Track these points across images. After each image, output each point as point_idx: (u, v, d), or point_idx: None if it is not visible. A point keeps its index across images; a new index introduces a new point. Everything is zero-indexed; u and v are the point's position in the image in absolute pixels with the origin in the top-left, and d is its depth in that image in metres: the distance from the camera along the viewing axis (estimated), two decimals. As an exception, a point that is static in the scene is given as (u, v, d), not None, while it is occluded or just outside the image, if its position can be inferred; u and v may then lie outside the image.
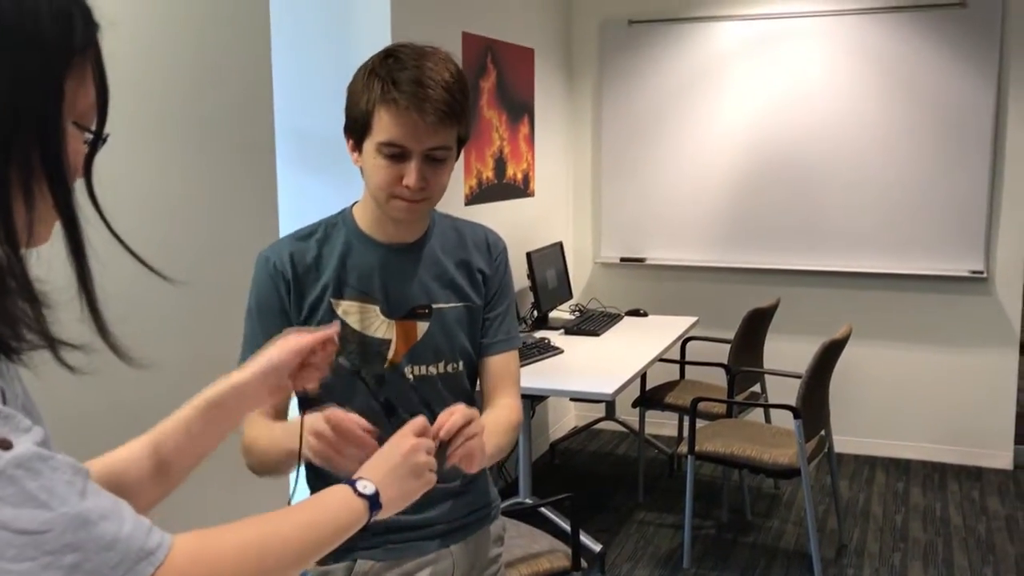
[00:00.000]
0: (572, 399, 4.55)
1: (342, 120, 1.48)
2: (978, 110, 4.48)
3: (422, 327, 1.51)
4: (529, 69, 4.58)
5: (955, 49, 4.47)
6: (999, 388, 4.65)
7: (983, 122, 4.48)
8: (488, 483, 1.67)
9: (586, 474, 4.65)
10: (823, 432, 3.68)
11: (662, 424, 5.10)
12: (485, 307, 1.58)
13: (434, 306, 1.52)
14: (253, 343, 1.43)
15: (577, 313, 4.54)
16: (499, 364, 1.58)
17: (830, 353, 3.51)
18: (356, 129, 1.42)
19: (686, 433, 3.66)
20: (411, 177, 1.39)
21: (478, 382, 1.62)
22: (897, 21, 4.55)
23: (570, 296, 4.65)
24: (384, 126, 1.38)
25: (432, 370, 1.52)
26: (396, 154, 1.39)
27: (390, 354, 1.49)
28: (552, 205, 4.98)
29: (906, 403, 4.81)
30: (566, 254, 4.82)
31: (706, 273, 5.02)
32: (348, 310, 1.47)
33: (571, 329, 4.18)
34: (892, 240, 4.67)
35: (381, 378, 1.48)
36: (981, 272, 4.56)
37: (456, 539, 1.57)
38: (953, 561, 3.67)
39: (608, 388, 3.29)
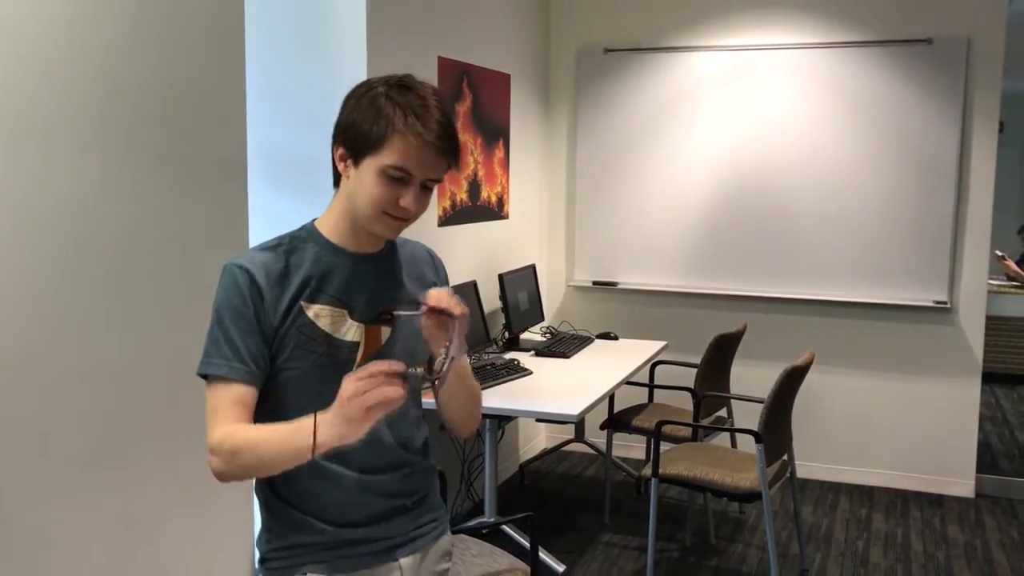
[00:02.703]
0: (539, 420, 4.58)
1: (316, 141, 1.53)
2: (943, 144, 4.58)
3: (386, 332, 1.58)
4: (505, 94, 4.64)
5: (922, 84, 4.58)
6: (961, 417, 4.73)
7: (948, 156, 4.58)
8: (437, 498, 1.71)
9: (554, 495, 4.68)
10: (785, 457, 3.74)
11: (630, 447, 5.14)
12: None
13: (395, 312, 1.59)
14: (228, 344, 1.46)
15: (548, 335, 4.59)
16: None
17: (792, 379, 3.57)
18: (359, 144, 1.47)
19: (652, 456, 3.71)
20: (411, 201, 1.48)
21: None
22: (866, 56, 4.65)
23: (542, 318, 4.70)
24: (398, 153, 1.45)
25: None
26: (399, 177, 1.46)
27: (357, 357, 1.54)
28: (526, 228, 5.04)
29: (871, 430, 4.88)
30: (539, 277, 4.88)
31: (676, 298, 5.08)
32: (319, 313, 1.52)
33: (541, 351, 4.22)
34: (858, 269, 4.75)
35: None
36: (945, 303, 4.64)
37: (405, 553, 1.60)
38: (911, 587, 3.72)
39: (575, 410, 3.33)
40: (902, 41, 4.59)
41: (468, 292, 4.01)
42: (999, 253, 6.64)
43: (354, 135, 1.47)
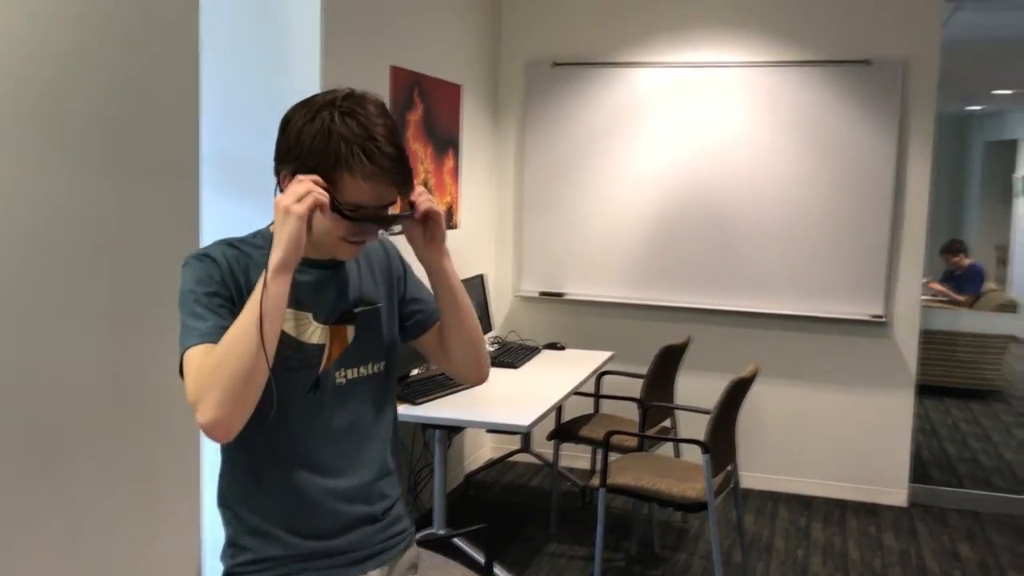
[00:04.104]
0: (489, 431, 4.61)
1: (269, 147, 1.52)
2: (881, 162, 4.71)
3: (351, 331, 1.58)
4: (456, 104, 4.66)
5: (860, 103, 4.71)
6: (896, 428, 4.86)
7: (885, 173, 4.72)
8: (404, 511, 1.71)
9: (500, 506, 4.69)
10: (730, 467, 3.80)
11: (576, 457, 5.17)
12: (404, 298, 1.71)
13: (356, 310, 1.60)
14: (203, 315, 1.42)
15: (496, 345, 4.60)
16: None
17: (737, 390, 3.63)
18: (293, 172, 1.45)
19: (599, 466, 3.74)
20: (374, 234, 1.49)
21: (429, 351, 1.72)
22: (807, 75, 4.77)
23: (490, 328, 4.71)
24: (350, 191, 1.42)
25: (363, 371, 1.60)
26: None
27: (323, 359, 1.54)
28: (475, 238, 5.05)
29: (809, 441, 4.99)
30: (487, 287, 4.89)
31: (622, 309, 5.14)
32: (283, 317, 1.50)
33: (490, 361, 4.22)
34: (798, 283, 4.86)
35: (316, 382, 1.53)
36: (881, 316, 4.77)
37: (373, 565, 1.60)
38: (850, 594, 3.82)
39: (525, 420, 3.35)
40: (842, 62, 4.72)
41: (475, 286, 4.06)
42: (924, 280, 6.84)
43: (300, 167, 1.43)
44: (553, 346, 4.70)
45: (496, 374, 4.06)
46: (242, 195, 3.28)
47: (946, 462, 5.63)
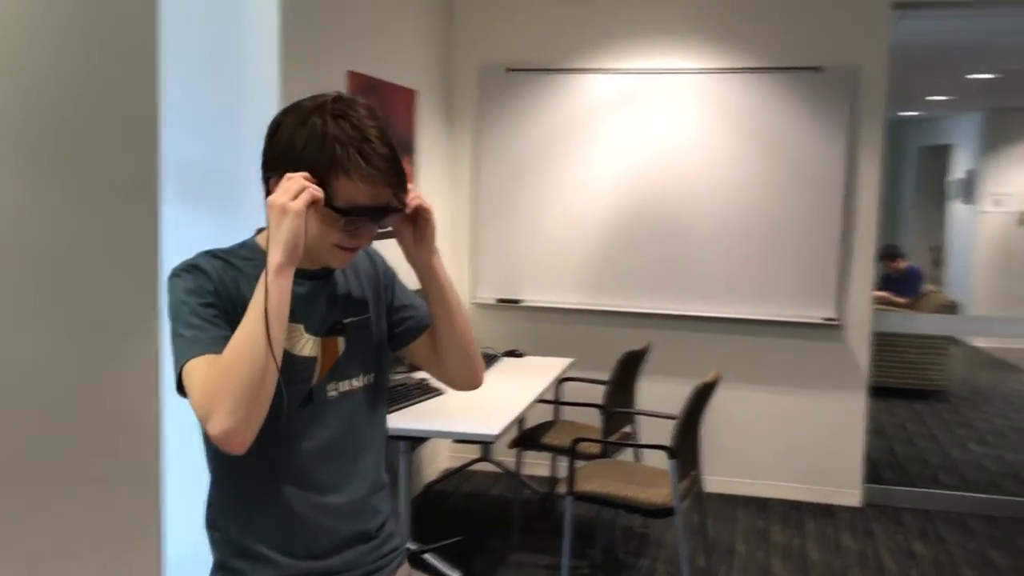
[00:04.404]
0: (456, 441, 4.56)
1: (227, 156, 1.49)
2: (832, 167, 4.78)
3: (341, 343, 1.54)
4: (411, 110, 4.61)
5: (812, 109, 4.77)
6: (849, 429, 4.93)
7: (836, 178, 4.79)
8: (395, 527, 1.67)
9: (461, 516, 4.64)
10: (694, 472, 3.81)
11: (534, 464, 5.15)
12: (393, 305, 1.67)
13: (346, 321, 1.56)
14: (200, 326, 1.37)
15: (455, 354, 4.55)
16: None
17: (702, 396, 3.64)
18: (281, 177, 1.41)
19: (561, 473, 3.72)
20: (367, 240, 1.46)
21: (421, 358, 1.69)
22: (759, 81, 4.82)
23: (447, 337, 4.66)
24: (348, 193, 1.39)
25: (354, 383, 1.56)
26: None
27: (315, 372, 1.50)
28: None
29: (765, 443, 5.04)
30: (443, 295, 4.84)
31: (580, 315, 5.14)
32: (286, 320, 1.45)
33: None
34: (753, 287, 4.91)
35: (309, 396, 1.49)
36: (834, 319, 4.84)
37: (365, 584, 1.56)
38: (813, 595, 3.85)
39: (493, 429, 3.31)
40: (794, 68, 4.78)
41: None
42: None
43: (276, 163, 1.41)
44: (512, 353, 4.67)
45: (457, 383, 4.01)
46: (199, 206, 3.19)
47: (895, 462, 5.74)
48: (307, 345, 1.49)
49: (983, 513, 4.87)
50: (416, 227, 1.52)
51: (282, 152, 1.41)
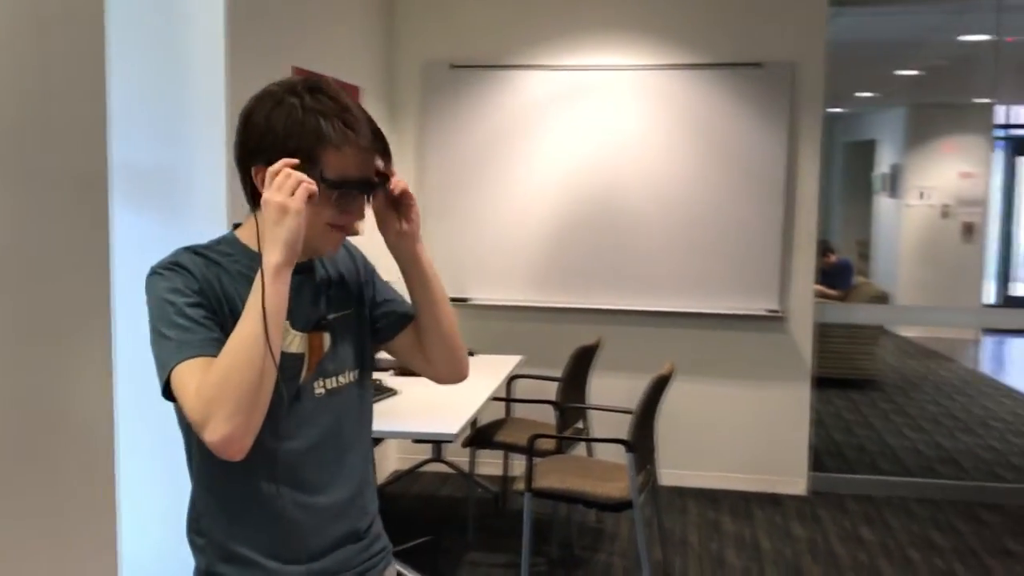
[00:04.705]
0: (415, 440, 4.50)
1: (175, 153, 1.44)
2: (773, 162, 4.86)
3: (327, 339, 1.51)
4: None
5: (753, 105, 4.84)
6: (795, 419, 5.02)
7: (777, 173, 4.86)
8: (381, 527, 1.64)
9: (414, 517, 4.59)
10: (649, 465, 3.83)
11: (484, 463, 5.12)
12: (375, 300, 1.64)
13: (330, 316, 1.53)
14: (189, 328, 1.32)
15: (405, 353, 4.50)
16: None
17: (658, 388, 3.66)
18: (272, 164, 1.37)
19: (513, 471, 3.70)
20: (359, 215, 1.43)
21: (405, 352, 1.67)
22: (701, 78, 4.87)
23: (396, 336, 4.61)
24: (338, 166, 1.37)
25: (340, 380, 1.52)
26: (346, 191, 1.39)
27: (304, 369, 1.46)
28: (378, 243, 4.92)
29: (712, 435, 5.09)
30: (391, 294, 4.78)
31: (528, 312, 5.13)
32: (284, 320, 1.41)
33: (402, 370, 4.14)
34: (699, 281, 4.96)
35: (297, 394, 1.45)
36: (777, 311, 4.92)
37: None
38: (768, 583, 3.90)
39: (451, 428, 3.27)
40: (735, 64, 4.84)
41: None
42: None
43: (277, 154, 1.36)
44: (462, 352, 4.63)
45: (410, 383, 3.97)
46: (148, 206, 3.09)
47: (836, 450, 5.85)
48: (294, 342, 1.45)
49: (924, 497, 5.00)
50: (400, 213, 1.50)
51: (262, 135, 1.38)
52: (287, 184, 1.30)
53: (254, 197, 1.42)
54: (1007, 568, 4.09)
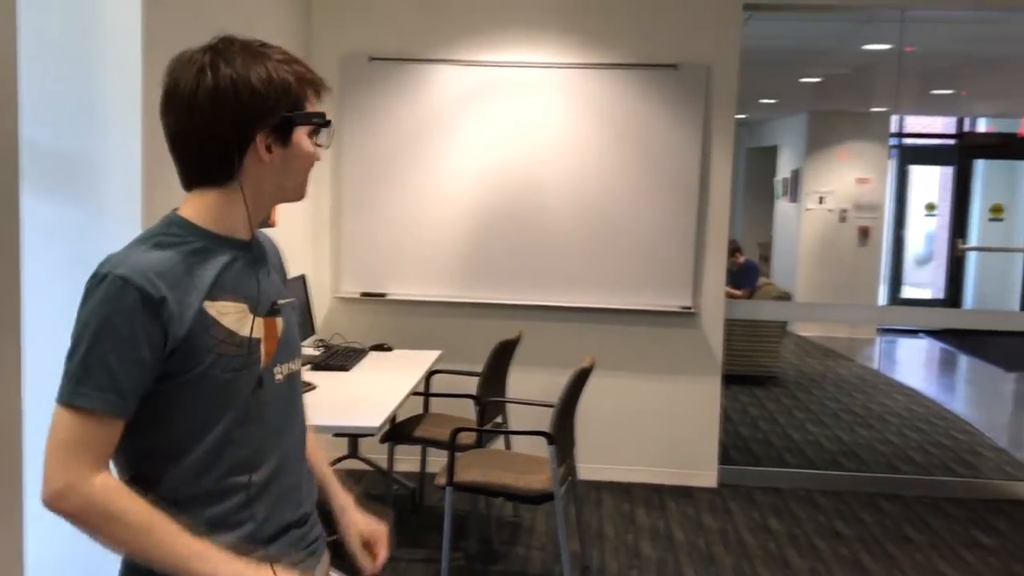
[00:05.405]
0: (336, 435, 4.44)
1: (88, 141, 1.41)
2: (688, 162, 4.96)
3: (280, 323, 1.49)
4: (272, 98, 4.45)
5: (668, 105, 4.94)
6: (706, 413, 5.13)
7: (691, 173, 4.97)
8: (316, 515, 1.62)
9: (329, 515, 4.52)
10: (569, 458, 3.86)
11: (400, 459, 5.09)
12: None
13: (281, 302, 1.51)
14: (104, 371, 1.28)
15: (322, 348, 4.45)
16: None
17: (579, 381, 3.70)
18: (285, 121, 1.40)
19: (431, 467, 3.69)
20: (326, 138, 1.49)
21: None
22: (618, 77, 4.94)
23: (313, 331, 4.54)
24: (314, 102, 1.44)
25: (292, 366, 1.51)
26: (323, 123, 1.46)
27: (262, 354, 1.43)
28: (292, 237, 4.85)
29: (626, 429, 5.17)
30: (308, 287, 4.71)
31: (446, 308, 5.11)
32: (222, 310, 1.38)
33: (319, 364, 4.08)
34: (615, 278, 5.03)
35: (260, 381, 1.42)
36: (690, 308, 5.02)
37: (301, 570, 1.50)
38: (683, 574, 3.98)
39: (373, 421, 3.25)
40: (651, 65, 4.92)
41: (298, 286, 4.05)
42: None
43: (270, 112, 1.38)
44: (380, 347, 4.60)
45: (328, 377, 3.92)
46: (60, 195, 2.97)
47: (743, 444, 6.01)
48: (252, 326, 1.42)
49: (828, 489, 5.18)
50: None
51: (254, 101, 1.37)
52: None
53: (222, 172, 1.39)
54: (907, 555, 4.27)
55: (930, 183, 12.43)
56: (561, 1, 4.96)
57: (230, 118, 1.35)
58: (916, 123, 11.81)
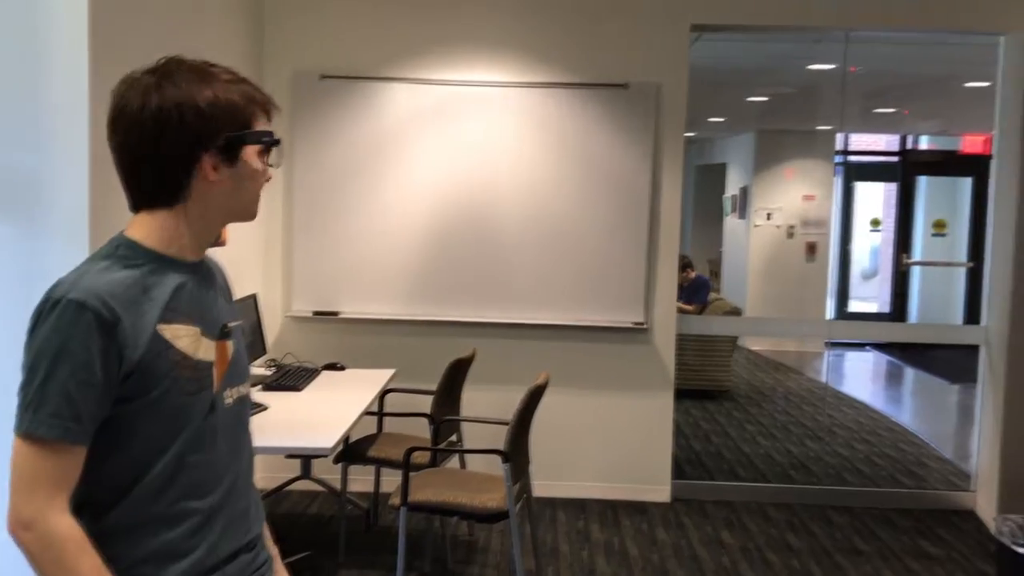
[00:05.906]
0: (288, 456, 4.38)
1: (30, 157, 1.40)
2: (638, 179, 5.01)
3: (230, 346, 1.48)
4: (222, 116, 4.42)
5: (619, 124, 4.99)
6: (659, 428, 5.17)
7: (642, 190, 5.02)
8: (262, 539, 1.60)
9: (282, 537, 4.46)
10: (524, 476, 3.86)
11: (353, 479, 5.04)
12: None
13: (231, 324, 1.50)
14: (63, 398, 1.26)
15: (274, 368, 4.40)
16: None
17: (534, 398, 3.71)
18: (231, 143, 1.39)
19: (385, 487, 3.67)
20: (279, 158, 1.50)
21: None
22: (570, 96, 4.99)
23: (264, 351, 4.50)
24: (263, 120, 1.44)
25: (242, 389, 1.50)
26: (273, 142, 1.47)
27: (215, 377, 1.41)
28: (243, 255, 4.80)
29: (579, 445, 5.18)
30: (259, 307, 4.66)
31: (400, 326, 5.09)
32: (177, 333, 1.36)
33: (271, 385, 4.04)
34: (568, 294, 5.05)
35: (212, 406, 1.40)
36: (643, 323, 5.06)
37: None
38: (637, 589, 4.00)
39: (326, 443, 3.22)
40: (602, 85, 4.97)
41: (248, 306, 4.04)
42: None
43: (215, 133, 1.38)
44: (332, 367, 4.57)
45: (280, 398, 3.88)
46: (2, 213, 2.91)
47: (695, 458, 6.06)
48: (205, 349, 1.41)
49: (779, 501, 5.24)
50: None
51: (203, 121, 1.37)
52: None
53: (171, 193, 1.39)
54: (857, 567, 4.33)
55: (875, 199, 12.71)
56: (512, 21, 5.00)
57: (175, 139, 1.35)
58: (860, 141, 12.06)
